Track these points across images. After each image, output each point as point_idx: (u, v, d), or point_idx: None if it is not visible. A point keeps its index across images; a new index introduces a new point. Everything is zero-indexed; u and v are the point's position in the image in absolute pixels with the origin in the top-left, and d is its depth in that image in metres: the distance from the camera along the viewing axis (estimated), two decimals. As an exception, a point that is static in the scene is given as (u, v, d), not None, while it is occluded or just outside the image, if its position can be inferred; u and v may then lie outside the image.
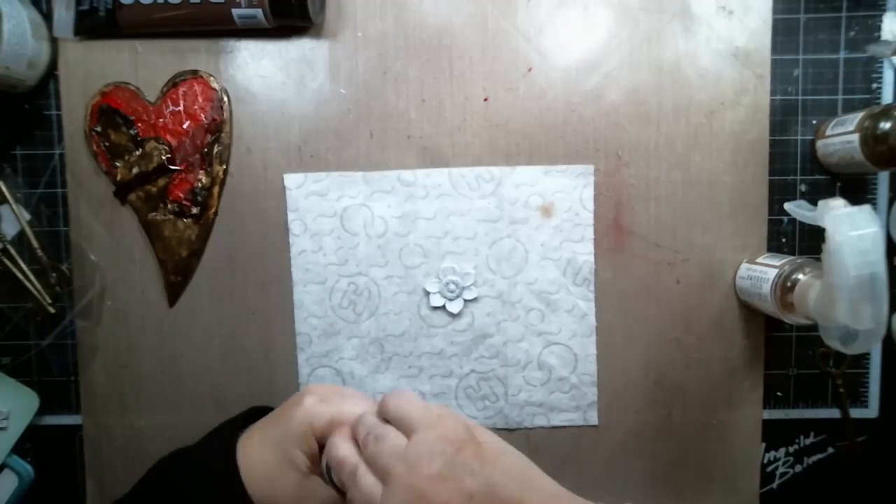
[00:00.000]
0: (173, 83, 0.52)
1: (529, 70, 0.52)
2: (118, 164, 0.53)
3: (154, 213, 0.53)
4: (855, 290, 0.37)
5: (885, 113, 0.45)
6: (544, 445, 0.55)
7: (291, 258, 0.53)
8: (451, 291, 0.53)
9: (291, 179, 0.53)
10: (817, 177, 0.53)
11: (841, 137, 0.49)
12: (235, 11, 0.49)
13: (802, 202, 0.43)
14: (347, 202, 0.53)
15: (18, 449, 0.55)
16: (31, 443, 0.56)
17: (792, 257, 0.48)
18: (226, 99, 0.52)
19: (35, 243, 0.53)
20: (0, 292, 0.54)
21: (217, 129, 0.52)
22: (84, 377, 0.55)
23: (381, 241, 0.53)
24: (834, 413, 0.55)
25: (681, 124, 0.52)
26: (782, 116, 0.53)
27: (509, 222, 0.53)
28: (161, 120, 0.52)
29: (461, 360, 0.54)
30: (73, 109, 0.53)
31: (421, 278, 0.53)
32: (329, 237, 0.53)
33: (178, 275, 0.53)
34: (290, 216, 0.53)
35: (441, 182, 0.53)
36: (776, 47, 0.52)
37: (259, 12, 0.49)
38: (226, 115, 0.52)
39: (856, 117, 0.48)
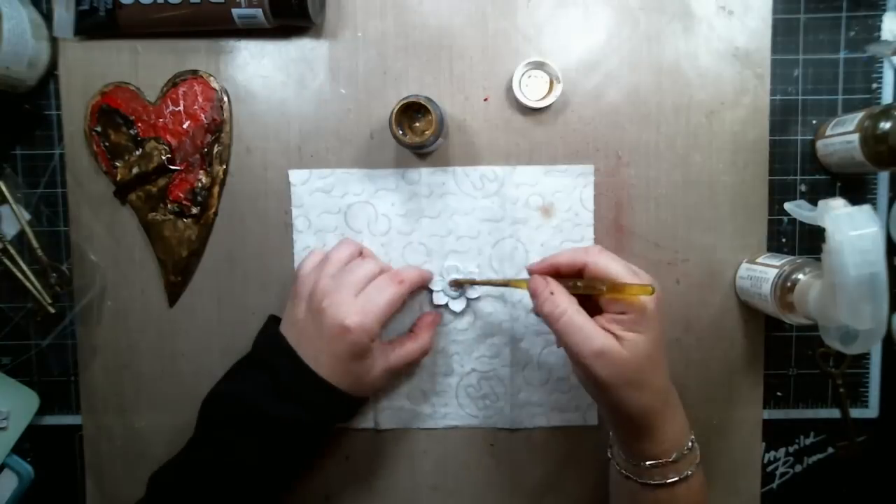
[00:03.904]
0: (173, 83, 0.52)
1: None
2: (118, 164, 0.53)
3: (154, 213, 0.53)
4: (855, 290, 0.37)
5: (885, 113, 0.45)
6: (544, 445, 0.55)
7: (295, 254, 0.53)
8: (454, 290, 0.53)
9: (296, 175, 0.53)
10: (817, 177, 0.53)
11: (841, 137, 0.49)
12: (235, 11, 0.49)
13: (802, 202, 0.43)
14: (352, 199, 0.53)
15: (18, 449, 0.55)
16: (31, 443, 0.56)
17: (792, 257, 0.48)
18: (226, 99, 0.52)
19: (35, 243, 0.53)
20: (0, 292, 0.55)
21: (217, 129, 0.52)
22: (84, 377, 0.54)
23: (385, 239, 0.53)
24: (834, 413, 0.55)
25: (681, 124, 0.52)
26: (782, 116, 0.53)
27: (511, 222, 0.53)
28: (161, 120, 0.52)
29: (462, 358, 0.54)
30: (73, 109, 0.53)
31: (422, 278, 0.53)
32: (333, 234, 0.53)
33: (178, 275, 0.53)
34: (295, 212, 0.53)
35: (445, 181, 0.53)
36: (776, 47, 0.52)
37: (259, 12, 0.49)
38: (226, 115, 0.52)
39: (856, 117, 0.48)
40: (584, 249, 0.43)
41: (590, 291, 0.42)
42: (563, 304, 0.41)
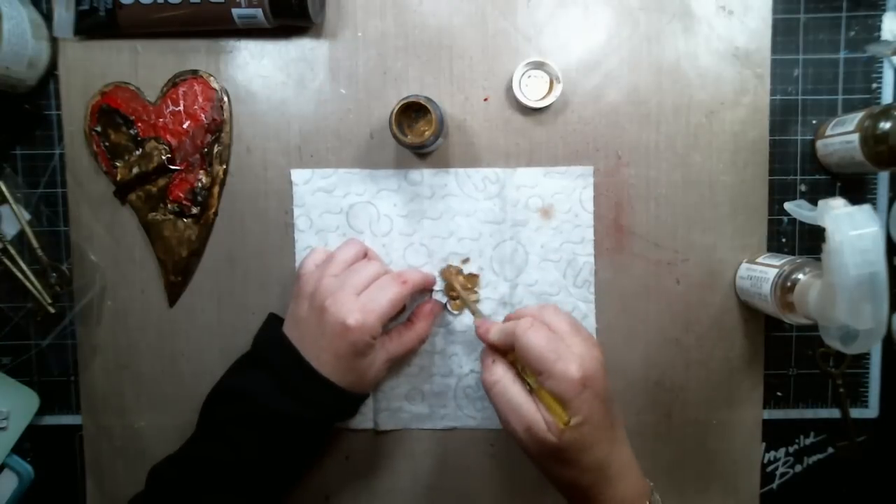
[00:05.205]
0: (173, 83, 0.52)
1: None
2: (118, 164, 0.53)
3: (154, 213, 0.53)
4: (855, 289, 0.37)
5: (885, 113, 0.45)
6: (544, 445, 0.54)
7: (296, 254, 0.53)
8: (454, 291, 0.53)
9: (298, 175, 0.53)
10: (817, 177, 0.53)
11: (841, 137, 0.49)
12: (235, 11, 0.49)
13: (802, 202, 0.43)
14: (354, 199, 0.53)
15: (18, 449, 0.55)
16: (31, 443, 0.56)
17: (792, 257, 0.48)
18: (226, 99, 0.52)
19: (35, 243, 0.53)
20: (0, 292, 0.55)
21: (217, 129, 0.52)
22: (84, 377, 0.55)
23: (386, 240, 0.53)
24: (834, 413, 0.55)
25: (681, 124, 0.52)
26: (782, 116, 0.53)
27: (512, 224, 0.52)
28: (161, 120, 0.52)
29: (461, 359, 0.54)
30: (73, 109, 0.53)
31: (422, 278, 0.53)
32: (334, 234, 0.53)
33: (178, 275, 0.53)
34: (297, 212, 0.53)
35: (447, 182, 0.53)
36: (776, 47, 0.52)
37: (259, 12, 0.49)
38: (226, 115, 0.52)
39: (856, 117, 0.48)
40: (515, 324, 0.42)
41: (526, 382, 0.42)
42: (499, 373, 0.42)
